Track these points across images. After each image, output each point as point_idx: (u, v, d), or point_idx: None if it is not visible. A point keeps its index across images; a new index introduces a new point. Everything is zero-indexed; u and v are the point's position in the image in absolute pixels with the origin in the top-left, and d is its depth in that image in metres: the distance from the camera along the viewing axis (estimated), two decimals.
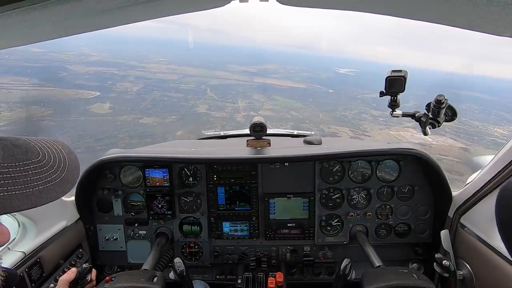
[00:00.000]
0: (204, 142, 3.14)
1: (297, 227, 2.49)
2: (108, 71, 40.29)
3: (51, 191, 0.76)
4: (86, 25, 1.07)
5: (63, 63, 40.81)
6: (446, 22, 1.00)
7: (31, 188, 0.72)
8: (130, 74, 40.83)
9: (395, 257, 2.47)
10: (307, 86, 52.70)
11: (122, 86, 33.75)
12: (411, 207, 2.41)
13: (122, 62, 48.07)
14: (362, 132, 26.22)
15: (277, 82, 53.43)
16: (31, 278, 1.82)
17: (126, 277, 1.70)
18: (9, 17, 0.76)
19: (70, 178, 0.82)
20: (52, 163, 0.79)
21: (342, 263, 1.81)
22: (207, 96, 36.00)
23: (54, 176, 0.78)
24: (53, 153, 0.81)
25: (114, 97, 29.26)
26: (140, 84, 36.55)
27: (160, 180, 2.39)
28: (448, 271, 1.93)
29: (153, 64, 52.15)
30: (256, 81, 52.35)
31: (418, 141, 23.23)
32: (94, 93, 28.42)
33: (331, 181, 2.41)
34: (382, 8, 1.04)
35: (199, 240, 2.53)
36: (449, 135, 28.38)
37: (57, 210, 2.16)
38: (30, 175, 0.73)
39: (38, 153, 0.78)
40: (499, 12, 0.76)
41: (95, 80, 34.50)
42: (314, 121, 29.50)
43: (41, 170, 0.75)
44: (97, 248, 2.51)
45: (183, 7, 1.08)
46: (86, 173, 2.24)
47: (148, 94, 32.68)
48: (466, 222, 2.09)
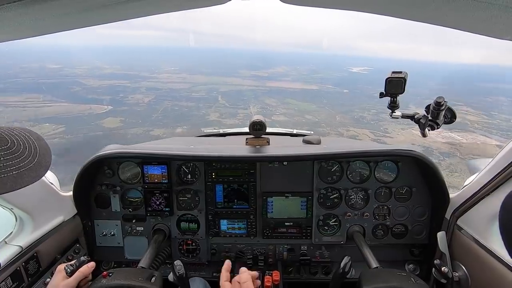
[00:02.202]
0: (203, 139, 3.12)
1: (295, 226, 2.48)
2: (121, 84, 40.65)
3: (25, 175, 0.79)
4: (87, 19, 1.07)
5: (77, 78, 41.51)
6: (447, 24, 1.01)
7: (5, 174, 0.75)
8: (142, 85, 41.02)
9: (391, 258, 2.47)
10: (320, 87, 51.56)
11: (133, 98, 33.79)
12: (408, 208, 2.41)
13: (134, 74, 48.57)
14: (383, 133, 24.71)
15: (289, 85, 52.55)
16: (28, 272, 1.83)
17: (124, 274, 1.66)
18: (9, 10, 0.76)
19: (43, 162, 0.85)
20: (22, 149, 0.82)
21: (343, 261, 1.79)
22: (218, 104, 35.54)
23: (26, 161, 0.81)
24: (22, 140, 0.84)
25: (125, 110, 29.18)
26: (151, 95, 36.52)
27: (159, 176, 2.37)
28: (446, 278, 1.92)
29: (164, 74, 52.46)
30: (268, 85, 51.71)
31: (446, 140, 21.57)
32: (106, 107, 28.40)
33: (329, 181, 2.41)
34: (383, 9, 1.05)
35: (196, 237, 2.52)
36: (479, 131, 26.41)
37: (55, 205, 2.15)
38: (2, 161, 0.76)
39: (7, 141, 0.81)
40: (500, 15, 0.77)
41: (107, 94, 34.73)
42: (331, 124, 28.27)
43: (12, 157, 0.79)
44: (94, 243, 2.50)
45: (183, 3, 1.09)
46: (84, 169, 2.22)
47: (159, 104, 32.48)
48: (463, 224, 2.10)
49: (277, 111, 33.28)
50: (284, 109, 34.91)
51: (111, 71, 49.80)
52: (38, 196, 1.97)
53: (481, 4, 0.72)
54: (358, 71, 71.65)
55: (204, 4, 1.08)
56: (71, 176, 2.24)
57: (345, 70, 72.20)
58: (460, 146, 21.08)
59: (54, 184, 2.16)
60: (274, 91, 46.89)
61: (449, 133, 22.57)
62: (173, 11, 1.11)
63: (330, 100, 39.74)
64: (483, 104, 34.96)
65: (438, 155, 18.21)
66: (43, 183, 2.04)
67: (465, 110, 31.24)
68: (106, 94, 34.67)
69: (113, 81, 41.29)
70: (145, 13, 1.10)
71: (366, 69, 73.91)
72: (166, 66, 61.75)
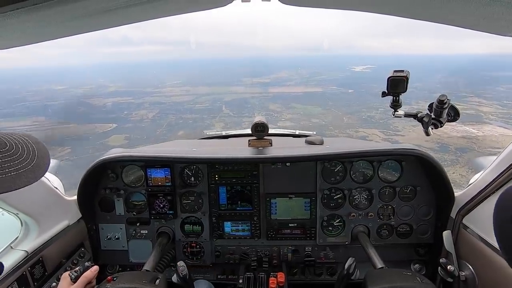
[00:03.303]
0: (206, 142, 3.12)
1: (299, 227, 2.46)
2: (125, 101, 40.91)
3: (24, 177, 0.82)
4: (89, 24, 1.07)
5: (82, 98, 41.97)
6: (448, 22, 1.00)
7: (3, 175, 0.78)
8: (146, 101, 41.06)
9: (396, 258, 2.44)
10: (324, 89, 50.92)
11: (137, 115, 33.76)
12: (413, 208, 2.38)
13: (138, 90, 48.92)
14: (394, 132, 23.85)
15: (292, 90, 52.09)
16: (34, 276, 1.83)
17: (128, 278, 1.67)
18: (13, 17, 0.77)
19: (41, 164, 0.89)
20: (20, 152, 0.86)
21: (347, 262, 1.77)
22: (222, 114, 35.26)
23: (25, 163, 0.84)
24: (21, 144, 0.88)
25: (130, 127, 29.15)
26: (155, 109, 36.49)
27: (162, 179, 2.37)
28: (452, 276, 1.89)
29: (168, 88, 52.67)
30: (271, 91, 51.35)
31: (461, 134, 20.62)
32: (111, 125, 28.38)
33: (333, 181, 2.39)
34: (384, 8, 1.04)
35: (200, 239, 2.51)
36: (495, 123, 25.34)
37: (60, 209, 2.16)
38: (0, 163, 0.79)
39: (5, 144, 0.85)
40: (502, 12, 0.76)
41: (112, 112, 34.80)
42: (339, 126, 27.55)
43: (10, 159, 0.82)
44: (99, 247, 2.50)
45: (185, 7, 1.08)
46: (88, 173, 2.22)
47: (164, 119, 32.36)
48: (468, 223, 2.07)
49: (282, 116, 32.74)
50: (289, 114, 34.37)
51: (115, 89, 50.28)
52: (43, 201, 1.98)
53: (483, 0, 0.72)
54: (361, 70, 70.90)
55: (206, 7, 1.09)
56: (75, 181, 2.24)
57: (348, 70, 71.52)
58: (477, 139, 20.12)
59: (59, 188, 2.17)
60: (278, 96, 46.47)
61: (462, 126, 21.65)
62: (174, 15, 1.11)
63: (336, 101, 39.01)
64: (495, 94, 33.83)
65: (454, 151, 17.35)
66: (48, 188, 2.05)
67: (477, 101, 30.25)
68: (110, 113, 34.81)
69: (117, 98, 41.51)
70: (147, 17, 1.11)
71: (369, 67, 73.11)
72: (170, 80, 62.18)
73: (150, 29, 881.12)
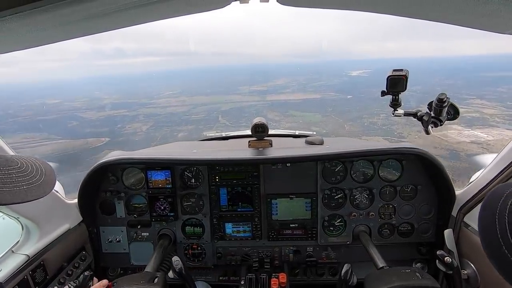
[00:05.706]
0: (206, 143, 3.13)
1: (300, 228, 2.46)
2: (119, 114, 39.98)
3: (34, 190, 0.91)
4: (87, 27, 1.09)
5: (75, 112, 41.03)
6: (447, 21, 1.00)
7: (17, 187, 0.87)
8: (140, 113, 40.23)
9: (398, 257, 2.44)
10: (322, 95, 50.19)
11: (131, 128, 32.86)
12: (414, 207, 2.38)
13: (132, 102, 48.05)
14: (398, 138, 22.85)
15: (290, 97, 51.32)
16: (35, 280, 1.84)
17: (127, 281, 1.69)
18: (12, 21, 0.78)
19: (49, 181, 0.98)
20: (30, 169, 0.95)
21: (343, 269, 1.77)
22: (219, 124, 34.32)
23: (35, 179, 0.93)
24: (30, 163, 0.98)
25: (122, 141, 28.12)
26: (150, 122, 35.59)
27: (162, 181, 2.38)
28: (451, 268, 1.88)
29: (164, 99, 51.91)
30: (269, 99, 50.64)
31: (470, 139, 19.54)
32: (104, 139, 27.39)
33: (334, 181, 2.40)
34: (383, 8, 1.04)
35: (201, 241, 2.51)
36: (502, 125, 24.32)
37: (60, 213, 2.16)
38: (14, 177, 0.88)
39: (17, 162, 0.95)
40: (500, 9, 0.77)
41: (105, 126, 33.90)
42: (341, 134, 26.52)
43: (22, 175, 0.91)
44: (100, 250, 2.51)
45: (182, 9, 1.10)
46: (88, 176, 2.24)
47: (158, 131, 31.42)
48: (469, 221, 2.07)
49: (281, 125, 31.85)
50: (288, 122, 33.49)
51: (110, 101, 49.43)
52: (43, 204, 1.97)
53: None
54: (358, 74, 70.58)
55: (204, 8, 1.10)
56: (76, 184, 2.22)
57: (345, 75, 71.17)
58: (488, 144, 19.06)
59: (59, 192, 2.17)
60: (276, 104, 45.76)
61: (470, 130, 20.66)
62: (172, 17, 1.13)
63: (335, 107, 38.14)
64: (496, 95, 33.07)
65: (465, 157, 16.30)
66: None
67: (479, 103, 29.42)
68: (103, 126, 33.86)
69: (111, 112, 40.65)
70: (145, 20, 1.13)
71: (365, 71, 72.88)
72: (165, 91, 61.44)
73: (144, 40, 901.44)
